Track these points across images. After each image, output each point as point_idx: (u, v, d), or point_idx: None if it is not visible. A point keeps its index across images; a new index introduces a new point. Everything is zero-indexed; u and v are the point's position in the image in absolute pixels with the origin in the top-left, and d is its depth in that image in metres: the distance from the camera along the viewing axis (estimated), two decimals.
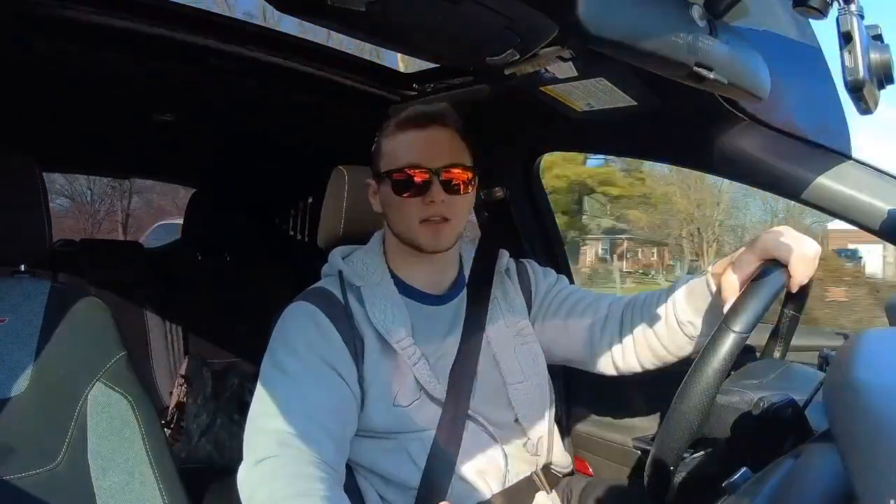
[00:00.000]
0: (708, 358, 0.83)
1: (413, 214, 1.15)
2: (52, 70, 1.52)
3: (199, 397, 2.35)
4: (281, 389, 1.07)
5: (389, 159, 1.18)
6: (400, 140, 1.18)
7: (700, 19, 0.78)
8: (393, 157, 1.17)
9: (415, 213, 1.15)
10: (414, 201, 1.15)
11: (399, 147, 1.17)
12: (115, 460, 1.10)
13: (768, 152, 1.16)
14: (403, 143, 1.17)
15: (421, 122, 1.17)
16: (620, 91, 1.18)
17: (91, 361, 1.13)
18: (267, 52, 1.49)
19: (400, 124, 1.19)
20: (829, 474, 0.52)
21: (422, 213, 1.15)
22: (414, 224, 1.16)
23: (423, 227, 1.16)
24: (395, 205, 1.17)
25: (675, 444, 0.83)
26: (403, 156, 1.16)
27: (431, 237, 1.16)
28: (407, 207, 1.15)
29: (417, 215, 1.15)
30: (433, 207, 1.14)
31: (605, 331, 1.23)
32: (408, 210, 1.15)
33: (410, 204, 1.15)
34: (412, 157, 1.15)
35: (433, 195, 1.14)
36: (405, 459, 1.11)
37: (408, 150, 1.16)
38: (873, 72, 0.84)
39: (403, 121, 1.18)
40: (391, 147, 1.19)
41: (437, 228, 1.16)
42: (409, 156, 1.15)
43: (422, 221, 1.15)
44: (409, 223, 1.16)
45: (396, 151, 1.17)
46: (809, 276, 0.96)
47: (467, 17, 0.86)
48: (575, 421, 1.72)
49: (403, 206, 1.16)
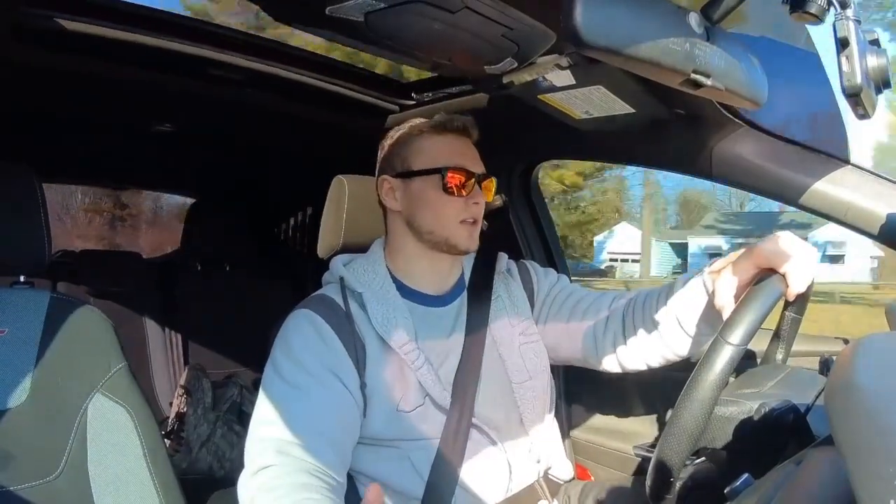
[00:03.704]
0: (704, 371, 0.82)
1: (453, 214, 1.18)
2: (51, 81, 1.53)
3: (199, 408, 2.35)
4: (282, 397, 1.06)
5: (427, 158, 1.19)
6: (440, 141, 1.20)
7: (697, 26, 0.78)
8: (433, 157, 1.19)
9: (455, 212, 1.18)
10: (458, 201, 1.17)
11: (442, 148, 1.20)
12: (115, 471, 1.10)
13: (766, 158, 1.17)
14: (446, 145, 1.20)
15: (458, 129, 1.21)
16: (618, 98, 1.18)
17: (91, 372, 1.13)
18: (266, 62, 1.50)
19: (437, 127, 1.21)
20: (830, 480, 0.52)
21: (462, 214, 1.18)
22: (453, 223, 1.18)
23: (461, 227, 1.18)
24: (433, 202, 1.18)
25: (675, 457, 0.83)
26: (449, 156, 1.19)
27: (468, 237, 1.19)
28: (449, 206, 1.17)
29: (458, 215, 1.18)
30: (475, 209, 1.18)
31: (607, 330, 1.23)
32: (449, 209, 1.18)
33: (454, 203, 1.17)
34: (458, 159, 1.18)
35: (476, 197, 1.18)
36: (408, 469, 1.11)
37: (453, 152, 1.19)
38: (870, 77, 0.84)
39: (441, 124, 1.21)
40: (429, 146, 1.20)
41: (473, 229, 1.20)
42: (456, 157, 1.19)
43: (461, 221, 1.18)
44: (447, 222, 1.18)
45: (438, 151, 1.19)
46: (807, 284, 0.95)
47: (465, 26, 0.87)
48: (576, 427, 1.72)
49: (445, 204, 1.17)
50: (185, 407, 2.36)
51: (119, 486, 1.09)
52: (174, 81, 1.54)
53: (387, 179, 1.23)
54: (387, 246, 1.26)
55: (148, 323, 2.74)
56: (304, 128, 2.01)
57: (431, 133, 1.21)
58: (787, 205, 1.19)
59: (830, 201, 1.12)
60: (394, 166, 1.22)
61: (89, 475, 1.08)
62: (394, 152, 1.23)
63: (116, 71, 1.44)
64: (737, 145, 1.19)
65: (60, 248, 2.98)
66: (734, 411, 0.88)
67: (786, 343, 1.07)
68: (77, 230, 12.49)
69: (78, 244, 8.12)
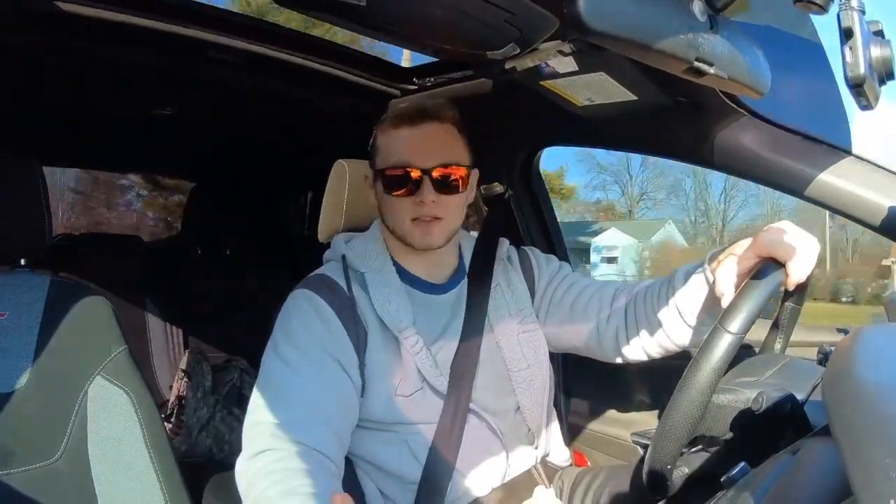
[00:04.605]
0: (703, 359, 0.82)
1: (404, 213, 1.16)
2: (51, 65, 1.52)
3: (199, 391, 2.36)
4: (281, 380, 1.07)
5: (383, 156, 1.18)
6: (393, 137, 1.18)
7: (701, 14, 0.77)
8: (386, 155, 1.18)
9: (406, 211, 1.15)
10: (405, 200, 1.15)
11: (392, 144, 1.17)
12: (114, 454, 1.10)
13: (768, 148, 1.16)
14: (396, 141, 1.17)
15: (415, 118, 1.17)
16: (621, 86, 1.17)
17: (91, 355, 1.13)
18: (266, 46, 1.49)
19: (394, 121, 1.18)
20: (827, 470, 0.52)
21: (413, 212, 1.15)
22: (405, 222, 1.16)
23: (414, 226, 1.16)
24: (386, 202, 1.18)
25: (672, 444, 0.83)
26: (395, 154, 1.16)
27: (421, 236, 1.16)
28: (398, 205, 1.16)
29: (408, 214, 1.15)
30: (424, 207, 1.14)
31: (610, 321, 1.23)
32: (399, 208, 1.16)
33: (401, 202, 1.15)
34: (404, 155, 1.15)
35: (423, 195, 1.14)
36: (405, 453, 1.12)
37: (400, 148, 1.16)
38: (874, 68, 0.84)
39: (398, 117, 1.18)
40: (385, 143, 1.19)
41: (429, 227, 1.16)
42: (401, 154, 1.15)
43: (413, 220, 1.15)
44: (399, 221, 1.17)
45: (389, 148, 1.17)
46: (807, 274, 0.95)
47: (468, 11, 0.86)
48: (574, 414, 1.73)
49: (395, 203, 1.16)
50: (185, 390, 2.37)
51: (118, 469, 1.10)
52: (174, 65, 1.53)
53: (368, 174, 1.24)
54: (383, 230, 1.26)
55: (148, 307, 2.74)
56: (305, 111, 2.00)
57: (389, 128, 1.19)
58: (788, 194, 1.19)
59: (831, 192, 1.11)
60: (371, 162, 1.23)
61: (89, 458, 1.09)
62: (371, 147, 1.23)
63: (116, 54, 1.43)
64: (739, 134, 1.18)
65: (60, 233, 2.98)
66: (732, 399, 0.88)
67: (784, 333, 1.07)
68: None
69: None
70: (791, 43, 1.12)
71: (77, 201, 8.41)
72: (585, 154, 25.43)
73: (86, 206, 8.54)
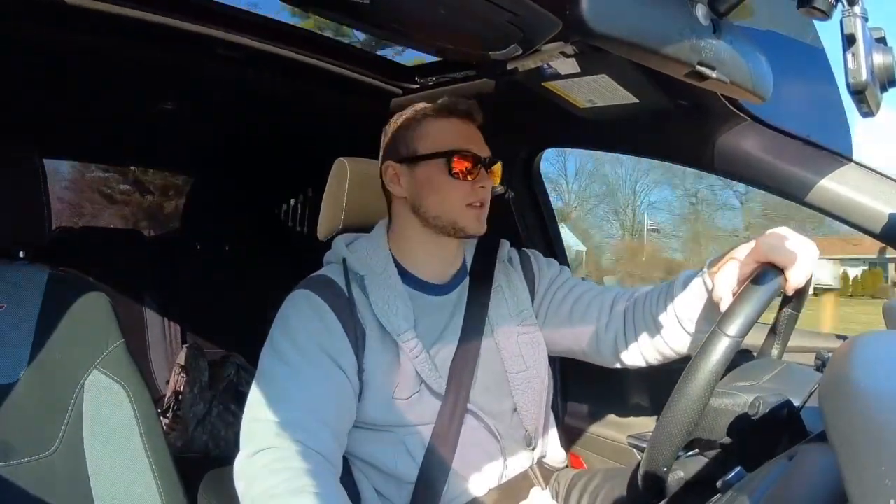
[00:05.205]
0: (700, 362, 0.82)
1: (460, 197, 1.17)
2: (53, 57, 1.52)
3: (196, 387, 2.36)
4: (280, 379, 1.06)
5: (433, 142, 1.19)
6: (446, 125, 1.20)
7: (704, 18, 0.77)
8: (439, 141, 1.19)
9: (462, 195, 1.17)
10: (463, 184, 1.17)
11: (448, 131, 1.19)
12: (110, 448, 1.10)
13: (769, 153, 1.16)
14: (452, 129, 1.19)
15: (463, 113, 1.21)
16: (622, 88, 1.18)
17: (88, 349, 1.13)
18: (269, 43, 1.49)
19: (442, 111, 1.21)
20: (823, 476, 0.52)
21: (469, 197, 1.18)
22: (459, 206, 1.18)
23: (468, 210, 1.18)
24: (440, 187, 1.18)
25: (668, 448, 0.83)
26: (455, 140, 1.18)
27: (475, 220, 1.19)
28: (456, 189, 1.17)
29: (464, 198, 1.17)
30: (481, 192, 1.18)
31: (609, 326, 1.23)
32: (456, 192, 1.17)
33: (460, 186, 1.17)
34: (464, 142, 1.18)
35: (483, 181, 1.18)
36: (402, 453, 1.11)
37: (459, 136, 1.19)
38: (876, 74, 0.84)
39: (446, 108, 1.21)
40: (435, 130, 1.20)
41: (481, 212, 1.20)
42: (462, 141, 1.18)
43: (467, 205, 1.18)
44: (453, 205, 1.18)
45: (444, 135, 1.19)
46: (806, 279, 0.95)
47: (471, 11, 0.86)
48: (571, 416, 1.73)
49: (452, 187, 1.17)
50: (182, 385, 2.37)
51: (113, 463, 1.10)
52: (177, 59, 1.53)
53: (391, 165, 1.22)
54: (390, 231, 1.26)
55: (146, 301, 2.74)
56: (307, 109, 2.00)
57: (436, 117, 1.20)
58: (788, 200, 1.19)
59: (832, 198, 1.11)
60: (398, 151, 1.22)
61: (84, 451, 1.09)
62: (398, 137, 1.22)
63: (119, 48, 1.43)
64: (740, 139, 1.18)
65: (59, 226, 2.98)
66: (729, 403, 0.88)
67: (782, 339, 1.07)
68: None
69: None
70: (793, 48, 1.13)
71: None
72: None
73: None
